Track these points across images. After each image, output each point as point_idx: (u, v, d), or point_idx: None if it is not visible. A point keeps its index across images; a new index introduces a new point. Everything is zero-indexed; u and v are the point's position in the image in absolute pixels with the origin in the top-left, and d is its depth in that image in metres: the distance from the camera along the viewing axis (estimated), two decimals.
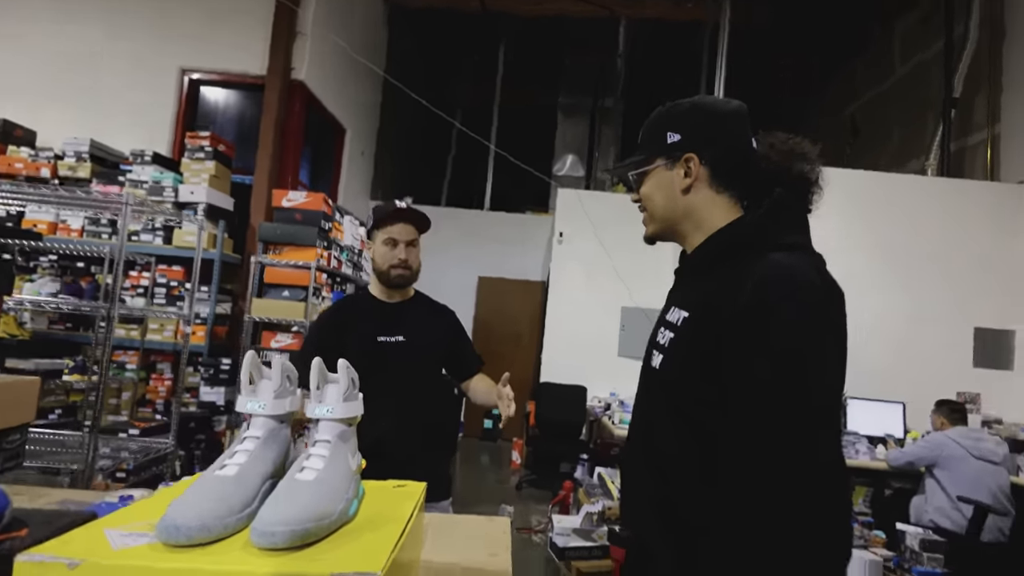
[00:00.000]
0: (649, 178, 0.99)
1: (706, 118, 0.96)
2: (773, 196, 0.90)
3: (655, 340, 0.98)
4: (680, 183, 0.95)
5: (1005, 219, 4.94)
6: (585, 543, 3.18)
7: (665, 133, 0.96)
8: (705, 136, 0.95)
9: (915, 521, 3.37)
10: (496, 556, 1.02)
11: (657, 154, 0.97)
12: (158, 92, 5.05)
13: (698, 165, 0.94)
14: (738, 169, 0.95)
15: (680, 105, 0.98)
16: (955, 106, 5.57)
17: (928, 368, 4.82)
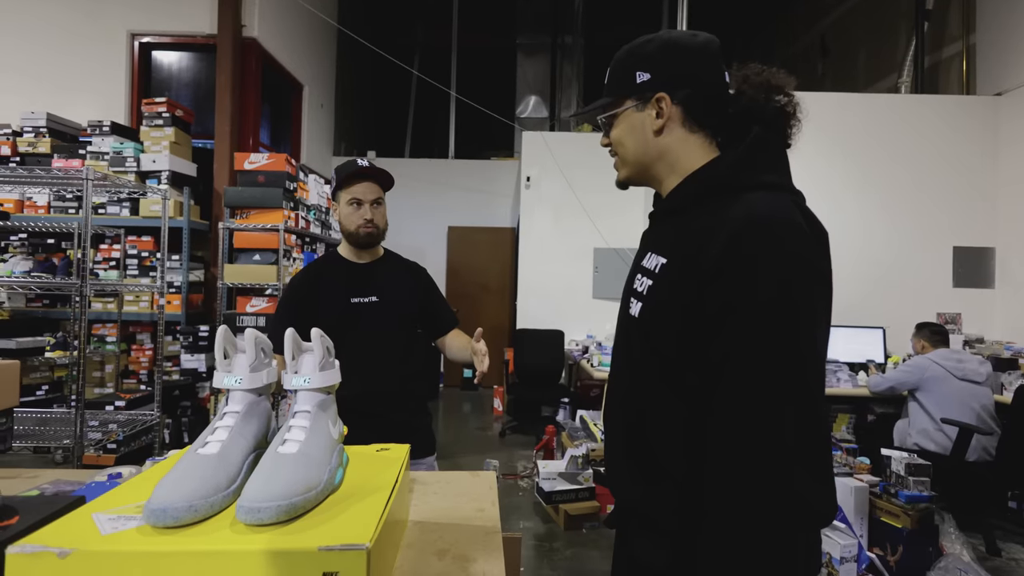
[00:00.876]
0: (619, 121, 0.94)
1: (676, 54, 0.90)
2: (750, 134, 0.86)
3: (631, 287, 0.93)
4: (652, 124, 0.90)
5: (983, 134, 4.82)
6: (571, 486, 3.31)
7: (634, 73, 0.91)
8: (676, 74, 0.89)
9: (899, 445, 3.37)
10: (483, 511, 1.05)
11: (626, 95, 0.92)
12: (109, 59, 4.84)
13: (670, 105, 0.89)
14: (712, 106, 0.90)
15: (648, 42, 0.92)
16: (928, 18, 5.39)
17: (907, 291, 4.80)
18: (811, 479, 0.75)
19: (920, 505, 2.66)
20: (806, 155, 4.78)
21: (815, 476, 0.76)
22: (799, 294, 0.74)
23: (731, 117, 0.89)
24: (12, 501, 0.78)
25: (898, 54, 5.79)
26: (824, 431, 0.79)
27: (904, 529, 2.63)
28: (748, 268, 0.74)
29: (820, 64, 7.55)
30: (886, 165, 4.89)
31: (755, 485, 0.72)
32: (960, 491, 3.08)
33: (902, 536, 2.64)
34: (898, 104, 5.02)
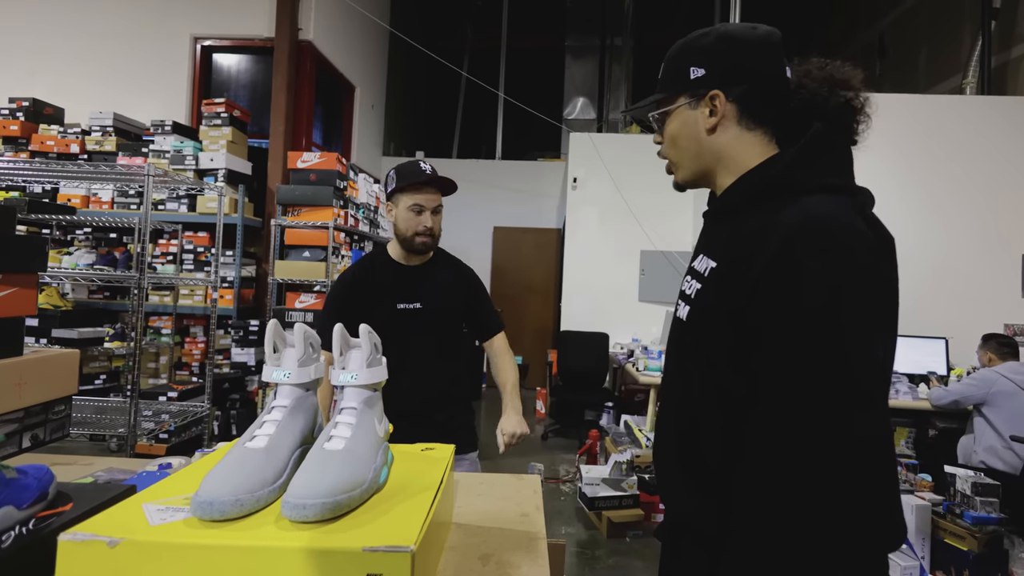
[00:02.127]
0: (672, 119, 0.89)
1: (732, 49, 0.84)
2: (811, 131, 0.80)
3: (683, 291, 0.89)
4: (705, 123, 0.85)
5: None
6: (615, 492, 3.24)
7: (688, 68, 0.86)
8: (731, 69, 0.84)
9: (963, 463, 3.23)
10: (527, 516, 1.02)
11: (679, 92, 0.87)
12: (172, 61, 5.07)
13: (724, 102, 0.83)
14: (770, 103, 0.84)
15: (703, 36, 0.87)
16: (995, 17, 5.17)
17: (972, 300, 4.56)
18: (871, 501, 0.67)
19: (988, 528, 2.52)
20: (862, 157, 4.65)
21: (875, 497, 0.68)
22: (851, 302, 0.68)
23: (792, 114, 0.83)
24: (67, 488, 0.80)
25: (962, 54, 5.55)
26: (886, 447, 0.71)
27: (971, 552, 2.50)
28: (796, 274, 0.69)
29: (878, 65, 7.29)
30: (949, 168, 4.67)
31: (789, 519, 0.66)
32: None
33: (968, 560, 2.50)
34: (963, 105, 4.80)
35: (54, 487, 0.76)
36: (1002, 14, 5.20)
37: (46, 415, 1.33)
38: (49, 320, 3.64)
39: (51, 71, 5.03)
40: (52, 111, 4.64)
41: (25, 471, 0.73)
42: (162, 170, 3.23)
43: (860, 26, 7.73)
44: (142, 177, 2.68)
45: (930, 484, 2.88)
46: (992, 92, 5.15)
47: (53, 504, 0.74)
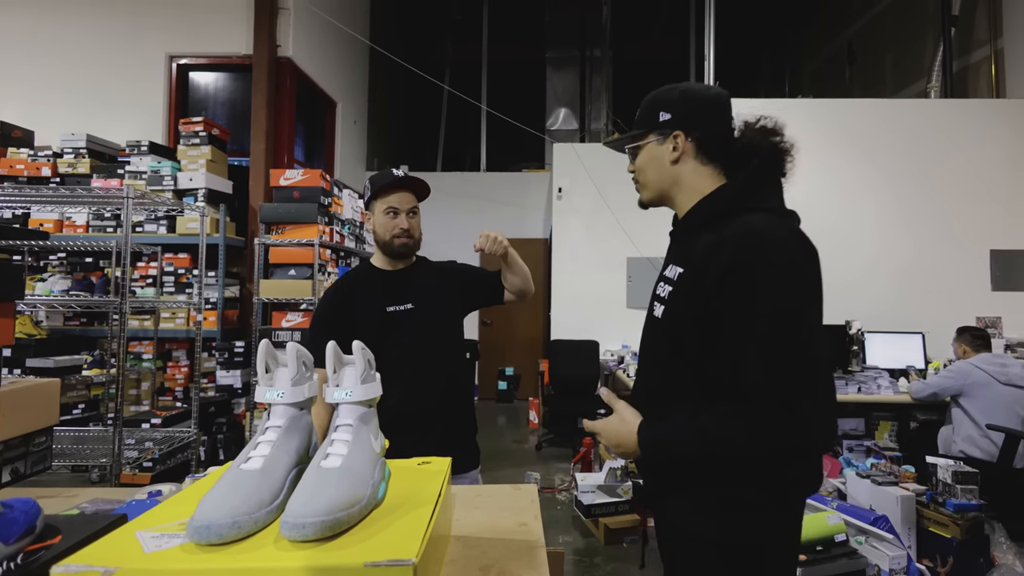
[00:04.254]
0: (643, 151, 1.14)
1: (691, 101, 1.10)
2: (750, 167, 1.05)
3: (656, 293, 1.11)
4: (669, 156, 1.10)
5: (1014, 136, 4.79)
6: (611, 499, 3.24)
7: (657, 113, 1.11)
8: (690, 116, 1.09)
9: (943, 452, 3.33)
10: (526, 525, 1.02)
11: (650, 130, 1.12)
12: (147, 80, 5.01)
13: (684, 140, 1.09)
14: (719, 144, 1.09)
15: (671, 91, 1.12)
16: (955, 24, 5.39)
17: (946, 295, 4.76)
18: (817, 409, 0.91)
19: (969, 514, 2.60)
20: (836, 162, 4.81)
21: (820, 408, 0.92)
22: (789, 294, 0.92)
23: (736, 153, 1.09)
24: (54, 520, 0.78)
25: (926, 60, 5.79)
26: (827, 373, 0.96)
27: (954, 539, 2.58)
28: (749, 273, 0.93)
29: (848, 71, 7.54)
30: (918, 170, 4.88)
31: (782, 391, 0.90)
32: (1009, 499, 3.00)
33: (952, 547, 2.58)
34: (928, 109, 5.02)
35: (41, 520, 0.74)
36: (960, 21, 5.42)
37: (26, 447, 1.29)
38: (23, 349, 3.54)
39: (19, 96, 4.92)
40: (21, 134, 4.52)
41: (11, 505, 0.71)
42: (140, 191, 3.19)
43: (831, 33, 7.96)
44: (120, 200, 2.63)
45: (913, 475, 2.94)
46: (954, 95, 5.37)
47: (41, 537, 0.72)
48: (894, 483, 2.82)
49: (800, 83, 8.87)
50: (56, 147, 4.36)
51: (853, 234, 4.83)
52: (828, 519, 2.46)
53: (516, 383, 7.19)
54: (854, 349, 4.33)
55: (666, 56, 8.68)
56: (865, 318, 4.45)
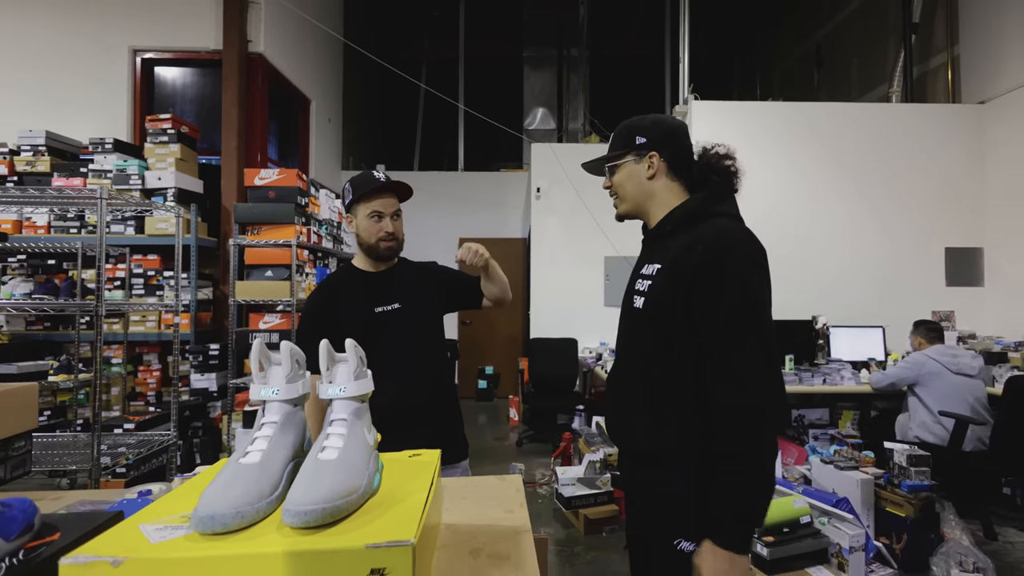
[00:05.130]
0: (621, 169, 1.32)
1: (662, 127, 1.29)
2: (711, 183, 1.25)
3: (635, 288, 1.28)
4: (646, 172, 1.28)
5: (969, 140, 5.03)
6: (590, 491, 3.31)
7: (634, 136, 1.29)
8: (663, 140, 1.28)
9: (900, 438, 3.51)
10: (512, 513, 1.06)
11: (628, 151, 1.30)
12: (110, 75, 4.83)
13: (658, 160, 1.27)
14: (684, 164, 1.29)
15: (643, 119, 1.31)
16: (915, 31, 5.59)
17: (904, 291, 4.98)
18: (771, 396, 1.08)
19: (922, 494, 2.78)
20: (806, 163, 4.96)
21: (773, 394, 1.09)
22: (752, 280, 1.11)
23: (697, 172, 1.29)
24: (50, 519, 0.79)
25: (888, 65, 5.98)
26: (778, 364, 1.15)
27: (908, 518, 2.75)
28: (718, 265, 1.11)
29: (816, 74, 7.72)
30: (881, 171, 5.06)
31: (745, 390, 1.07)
32: (958, 480, 3.22)
33: (906, 525, 2.75)
34: (889, 113, 5.20)
35: (39, 518, 0.75)
36: (920, 28, 5.63)
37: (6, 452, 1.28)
38: None
39: None
40: None
41: (9, 504, 0.73)
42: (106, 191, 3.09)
43: (800, 36, 8.14)
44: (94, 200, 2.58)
45: (873, 460, 3.11)
46: (915, 100, 5.59)
47: (40, 535, 0.73)
48: (855, 467, 2.98)
49: (771, 84, 9.05)
50: (12, 144, 4.16)
51: (820, 233, 5.00)
52: (794, 503, 2.60)
53: (496, 382, 7.22)
54: (820, 343, 4.50)
55: (642, 56, 8.74)
56: (830, 313, 4.65)
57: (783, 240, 4.76)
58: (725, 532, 1.06)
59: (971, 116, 5.05)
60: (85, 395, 3.83)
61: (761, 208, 4.71)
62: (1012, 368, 3.81)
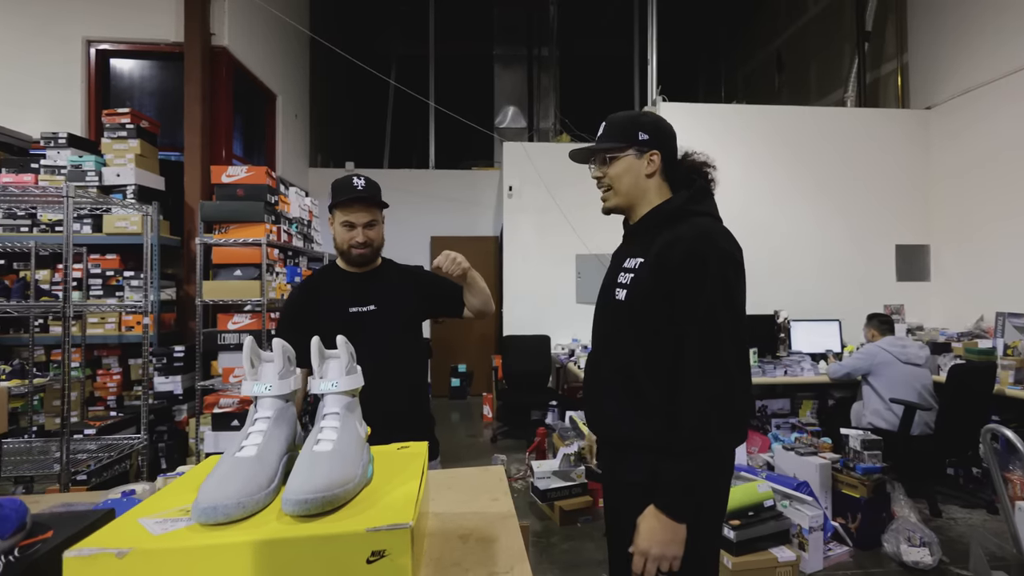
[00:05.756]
0: (619, 162, 1.32)
1: (662, 128, 1.34)
2: (695, 184, 1.31)
3: (617, 281, 1.31)
4: (645, 169, 1.31)
5: (916, 143, 5.33)
6: (565, 483, 3.37)
7: (636, 132, 1.31)
8: (663, 140, 1.32)
9: (855, 425, 3.69)
10: (497, 500, 1.10)
11: (630, 145, 1.31)
12: (63, 67, 4.62)
13: (659, 159, 1.31)
14: (674, 166, 1.34)
15: (644, 115, 1.35)
16: (868, 39, 5.85)
17: (859, 286, 5.23)
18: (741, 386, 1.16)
19: (874, 476, 2.96)
20: (769, 163, 5.14)
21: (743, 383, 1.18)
22: (730, 276, 1.18)
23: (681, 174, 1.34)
24: (41, 518, 0.79)
25: (843, 71, 6.23)
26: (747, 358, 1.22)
27: (862, 499, 2.92)
28: (700, 261, 1.16)
29: (777, 78, 7.96)
30: (837, 172, 5.31)
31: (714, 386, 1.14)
32: (907, 462, 3.44)
33: (860, 505, 2.93)
34: (844, 117, 5.47)
35: (29, 517, 0.75)
36: (873, 35, 5.89)
37: None
38: None
39: None
40: None
41: (0, 504, 0.72)
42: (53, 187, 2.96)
43: (762, 42, 8.40)
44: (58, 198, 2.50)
45: (830, 446, 3.30)
46: (868, 105, 5.86)
47: (32, 533, 0.73)
48: (814, 453, 3.15)
49: (735, 86, 9.30)
50: None
51: (781, 231, 5.20)
52: (758, 488, 2.73)
53: (469, 380, 7.23)
54: (781, 336, 4.68)
55: (612, 56, 8.83)
56: (791, 308, 4.85)
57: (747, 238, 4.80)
58: (669, 500, 1.14)
59: (919, 120, 5.33)
60: (40, 401, 3.68)
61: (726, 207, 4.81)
62: (955, 357, 4.04)
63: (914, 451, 3.40)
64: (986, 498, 3.53)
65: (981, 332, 4.47)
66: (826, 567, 2.74)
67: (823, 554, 2.76)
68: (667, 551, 1.13)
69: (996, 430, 2.31)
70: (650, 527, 1.14)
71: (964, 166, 4.96)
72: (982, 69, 4.74)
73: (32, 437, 3.33)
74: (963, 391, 3.38)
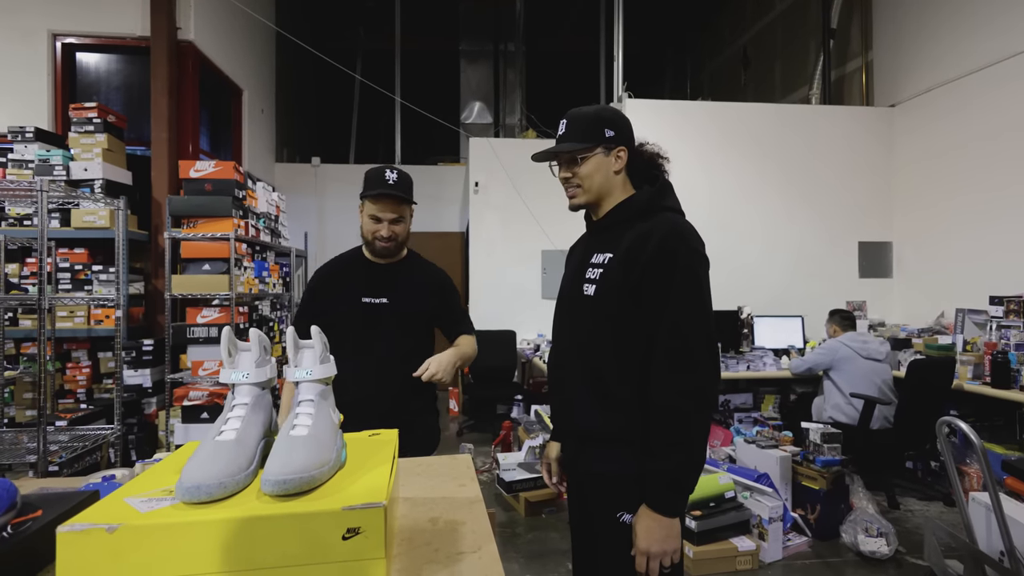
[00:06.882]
0: (589, 161, 1.30)
1: (626, 125, 1.33)
2: (659, 179, 1.34)
3: (585, 276, 1.31)
4: (614, 166, 1.31)
5: (880, 140, 5.40)
6: (530, 475, 3.45)
7: (603, 129, 1.30)
8: (627, 135, 1.33)
9: (816, 419, 3.77)
10: (465, 486, 1.16)
11: (598, 143, 1.30)
12: (28, 61, 4.54)
13: (626, 155, 1.31)
14: (634, 161, 1.34)
15: (605, 110, 1.34)
16: (833, 36, 5.91)
17: (822, 282, 5.30)
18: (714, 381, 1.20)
19: (833, 468, 3.03)
20: (734, 160, 5.25)
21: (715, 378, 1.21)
22: (699, 270, 1.21)
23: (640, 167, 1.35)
24: (28, 499, 0.83)
25: (808, 68, 6.32)
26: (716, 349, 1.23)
27: (821, 490, 2.99)
28: (671, 256, 1.19)
29: (743, 74, 8.03)
30: (801, 169, 5.37)
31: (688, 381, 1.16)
32: (867, 455, 3.50)
33: (819, 496, 3.00)
34: (808, 114, 5.53)
35: (19, 497, 0.79)
36: (838, 33, 5.98)
37: None
38: None
39: None
40: None
41: None
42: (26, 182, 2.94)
43: (728, 38, 8.49)
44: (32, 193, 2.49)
45: (791, 439, 3.36)
46: (832, 102, 5.94)
47: (23, 512, 0.78)
48: (775, 446, 3.21)
49: (701, 83, 9.38)
50: None
51: (747, 227, 5.24)
52: (719, 479, 2.82)
53: None
54: (744, 332, 4.78)
55: (578, 52, 8.85)
56: (754, 303, 4.90)
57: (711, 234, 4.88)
58: (660, 499, 1.16)
59: (882, 118, 5.40)
60: (11, 393, 3.63)
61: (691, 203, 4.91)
62: (915, 353, 4.10)
63: (873, 444, 3.45)
64: (943, 491, 3.58)
65: (941, 328, 4.52)
66: (785, 556, 2.82)
67: (783, 544, 2.82)
68: (666, 547, 1.16)
69: (952, 423, 2.35)
70: (646, 527, 1.16)
71: (926, 163, 5.02)
72: (945, 67, 4.78)
73: (3, 429, 3.31)
74: (922, 386, 3.44)
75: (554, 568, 2.76)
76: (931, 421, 3.16)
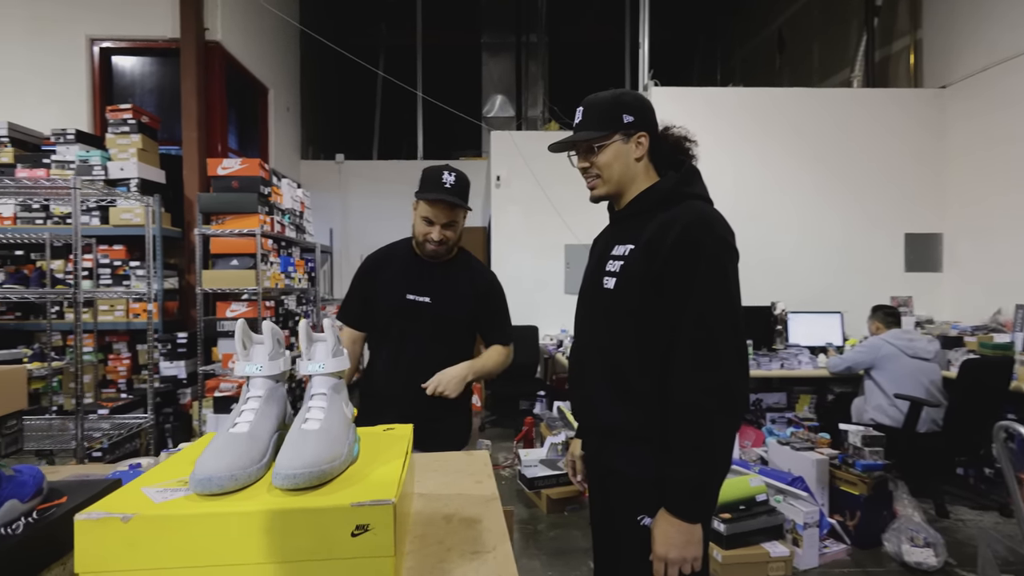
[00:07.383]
0: (608, 149, 1.24)
1: (644, 106, 1.26)
2: (685, 165, 1.25)
3: (605, 269, 1.25)
4: (635, 153, 1.24)
5: (929, 125, 5.00)
6: (552, 472, 3.43)
7: (621, 114, 1.23)
8: (648, 120, 1.25)
9: (856, 421, 3.54)
10: (481, 483, 1.15)
11: (616, 130, 1.23)
12: (68, 65, 4.75)
13: (647, 140, 1.24)
14: (658, 146, 1.27)
15: (625, 94, 1.26)
16: (877, 14, 5.56)
17: (863, 276, 4.98)
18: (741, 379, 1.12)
19: (875, 473, 2.85)
20: (768, 148, 5.05)
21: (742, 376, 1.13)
22: (725, 260, 1.13)
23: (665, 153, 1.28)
24: (55, 485, 0.86)
25: (850, 49, 5.94)
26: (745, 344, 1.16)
27: (861, 496, 2.83)
28: (695, 246, 1.12)
29: (778, 58, 7.69)
30: (841, 157, 5.05)
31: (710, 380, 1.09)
32: (912, 460, 3.28)
33: (859, 502, 2.84)
34: (851, 98, 5.18)
35: (46, 484, 0.82)
36: (883, 11, 5.59)
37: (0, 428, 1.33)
38: None
39: None
40: None
41: (20, 470, 0.79)
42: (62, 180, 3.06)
43: (761, 21, 8.10)
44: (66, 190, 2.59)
45: (828, 441, 3.17)
46: (876, 85, 5.53)
47: (49, 498, 0.80)
48: (811, 448, 3.05)
49: (732, 69, 8.98)
50: None
51: (781, 218, 4.99)
52: (751, 481, 2.68)
53: None
54: (778, 328, 4.49)
55: (602, 42, 8.69)
56: (789, 299, 4.60)
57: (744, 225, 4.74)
58: (679, 503, 1.10)
59: (932, 101, 5.01)
60: (59, 382, 3.82)
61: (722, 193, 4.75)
62: (967, 352, 3.81)
63: (920, 449, 3.26)
64: (999, 500, 3.35)
65: (998, 326, 4.21)
66: (822, 564, 2.69)
67: (819, 551, 2.70)
68: (686, 553, 1.10)
69: (1011, 427, 2.17)
70: (664, 532, 1.11)
71: (982, 149, 4.62)
72: (1003, 45, 4.37)
73: (52, 416, 3.49)
74: (976, 387, 3.23)
75: (576, 566, 2.73)
76: (986, 425, 2.92)
